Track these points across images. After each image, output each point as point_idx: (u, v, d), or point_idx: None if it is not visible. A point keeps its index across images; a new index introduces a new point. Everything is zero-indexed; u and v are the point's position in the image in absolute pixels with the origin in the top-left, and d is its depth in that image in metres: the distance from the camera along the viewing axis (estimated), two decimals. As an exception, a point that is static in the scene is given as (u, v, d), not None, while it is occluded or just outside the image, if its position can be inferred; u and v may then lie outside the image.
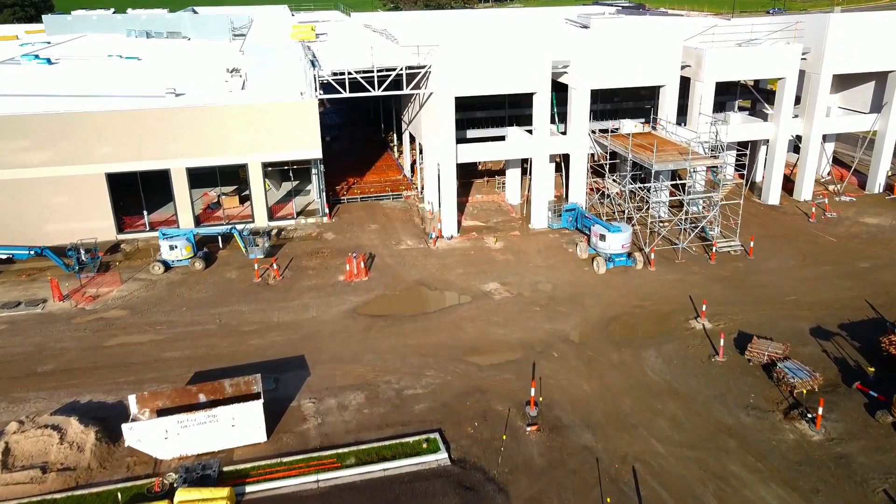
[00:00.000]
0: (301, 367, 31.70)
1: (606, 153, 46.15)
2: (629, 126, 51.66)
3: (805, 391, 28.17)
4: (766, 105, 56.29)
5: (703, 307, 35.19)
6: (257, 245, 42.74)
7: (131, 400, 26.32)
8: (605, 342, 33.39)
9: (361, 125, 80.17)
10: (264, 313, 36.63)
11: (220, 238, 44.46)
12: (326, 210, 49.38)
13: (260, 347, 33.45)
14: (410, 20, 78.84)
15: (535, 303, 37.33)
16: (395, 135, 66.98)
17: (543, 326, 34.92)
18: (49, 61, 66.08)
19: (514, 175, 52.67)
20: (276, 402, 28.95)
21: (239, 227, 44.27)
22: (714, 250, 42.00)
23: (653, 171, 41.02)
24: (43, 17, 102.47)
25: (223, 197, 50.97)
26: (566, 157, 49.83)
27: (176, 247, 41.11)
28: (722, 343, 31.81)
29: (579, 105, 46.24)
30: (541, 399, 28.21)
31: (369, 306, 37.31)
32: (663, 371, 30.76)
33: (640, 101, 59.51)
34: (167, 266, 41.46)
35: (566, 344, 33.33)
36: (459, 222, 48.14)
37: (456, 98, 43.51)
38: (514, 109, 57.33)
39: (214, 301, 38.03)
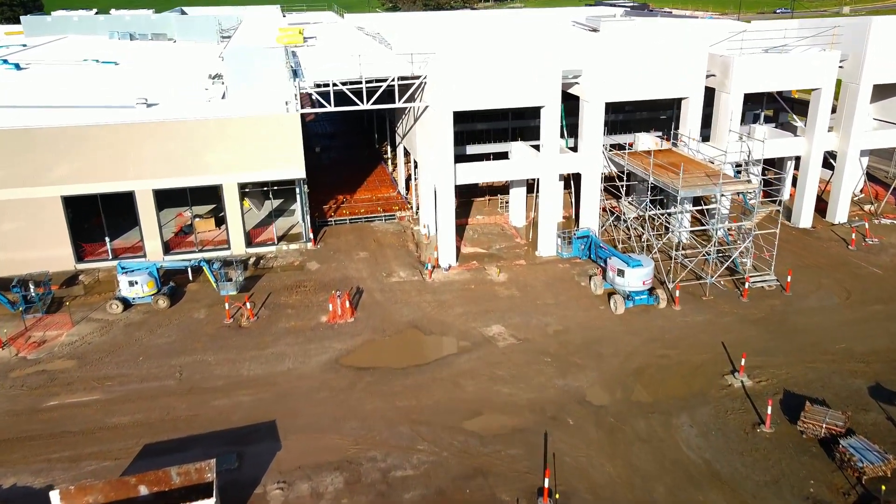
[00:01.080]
0: (271, 438, 26.79)
1: (623, 173, 41.18)
2: (646, 141, 46.79)
3: (883, 486, 23.17)
4: (793, 116, 51.43)
5: (742, 361, 30.27)
6: (230, 280, 37.84)
7: (54, 498, 21.42)
8: (629, 404, 28.49)
9: (354, 134, 75.28)
10: (233, 365, 31.71)
11: (189, 269, 39.51)
12: (311, 235, 44.44)
13: (224, 410, 28.53)
14: (407, 22, 73.93)
15: (544, 351, 32.43)
16: (389, 145, 62.04)
17: (555, 383, 30.02)
18: (18, 66, 61.21)
19: (518, 194, 47.76)
20: (237, 488, 24.09)
21: (211, 255, 39.41)
22: (746, 286, 37.08)
23: (679, 197, 36.00)
24: (21, 17, 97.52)
25: (197, 220, 46.03)
26: (576, 175, 44.96)
27: (136, 282, 36.18)
28: (769, 410, 26.86)
29: (592, 120, 41.30)
30: (556, 496, 23.27)
31: (354, 356, 32.39)
32: (701, 447, 25.85)
33: (654, 112, 54.58)
34: (127, 304, 36.54)
35: (583, 406, 28.42)
36: (458, 249, 43.28)
37: (454, 112, 38.67)
38: (518, 121, 52.38)
39: (177, 348, 33.10)
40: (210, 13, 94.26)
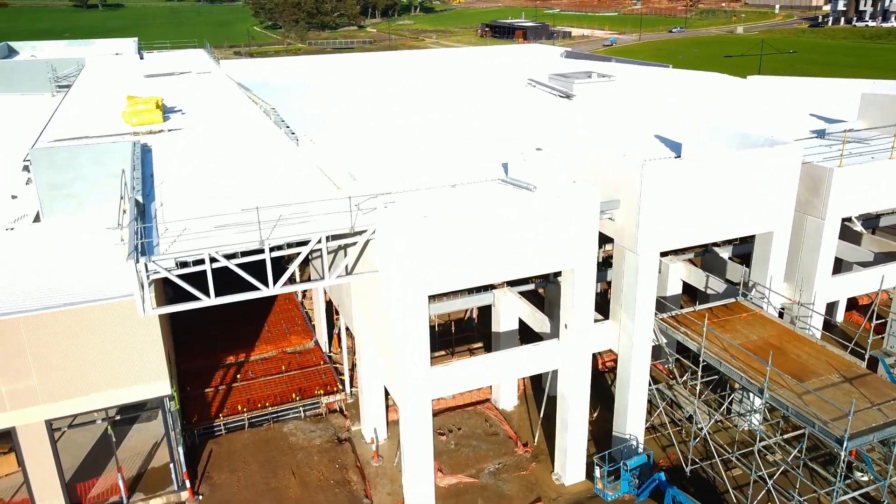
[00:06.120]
0: None
1: (697, 364, 26.06)
2: (679, 272, 32.59)
3: None
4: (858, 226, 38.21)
5: None
6: None
7: None
8: None
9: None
10: None
11: None
12: (186, 481, 26.71)
13: None
14: (308, 70, 56.70)
15: None
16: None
17: None
18: None
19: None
20: None
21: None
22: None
23: (843, 453, 20.85)
24: None
25: (-15, 460, 27.37)
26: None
27: None
28: None
29: (638, 277, 25.93)
30: None
31: None
32: None
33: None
34: None
35: None
36: (432, 482, 26.97)
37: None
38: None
39: None
40: (47, 53, 73.90)
